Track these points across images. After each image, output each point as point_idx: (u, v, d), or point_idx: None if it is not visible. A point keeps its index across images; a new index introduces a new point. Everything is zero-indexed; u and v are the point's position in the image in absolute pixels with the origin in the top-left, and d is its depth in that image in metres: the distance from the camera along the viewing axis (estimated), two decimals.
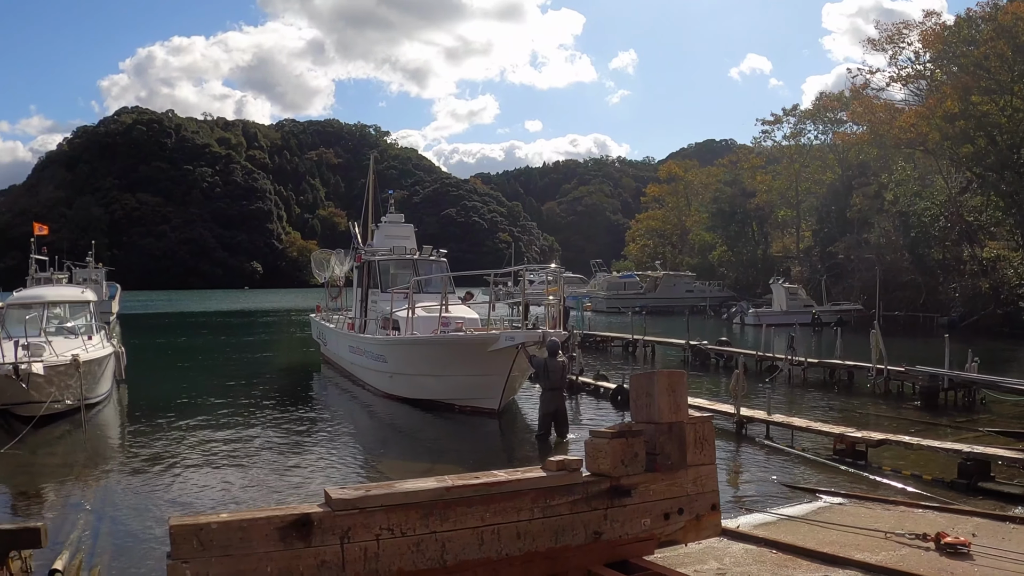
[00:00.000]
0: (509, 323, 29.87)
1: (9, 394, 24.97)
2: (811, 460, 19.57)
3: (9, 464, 20.79)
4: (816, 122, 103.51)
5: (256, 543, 7.38)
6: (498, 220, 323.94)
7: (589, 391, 31.42)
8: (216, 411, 28.94)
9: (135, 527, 15.12)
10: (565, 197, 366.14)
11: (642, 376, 9.67)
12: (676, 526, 9.23)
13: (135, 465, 20.71)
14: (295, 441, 23.48)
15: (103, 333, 32.34)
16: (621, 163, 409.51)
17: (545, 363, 22.89)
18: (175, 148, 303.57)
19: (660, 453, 9.16)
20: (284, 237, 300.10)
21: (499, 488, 8.44)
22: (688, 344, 42.77)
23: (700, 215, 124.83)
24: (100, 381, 29.21)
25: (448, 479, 8.57)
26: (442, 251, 36.95)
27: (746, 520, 13.58)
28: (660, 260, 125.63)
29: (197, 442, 23.32)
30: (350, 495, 7.91)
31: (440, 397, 27.62)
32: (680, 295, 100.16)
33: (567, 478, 8.75)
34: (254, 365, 46.75)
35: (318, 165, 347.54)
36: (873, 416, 26.48)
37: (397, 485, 8.41)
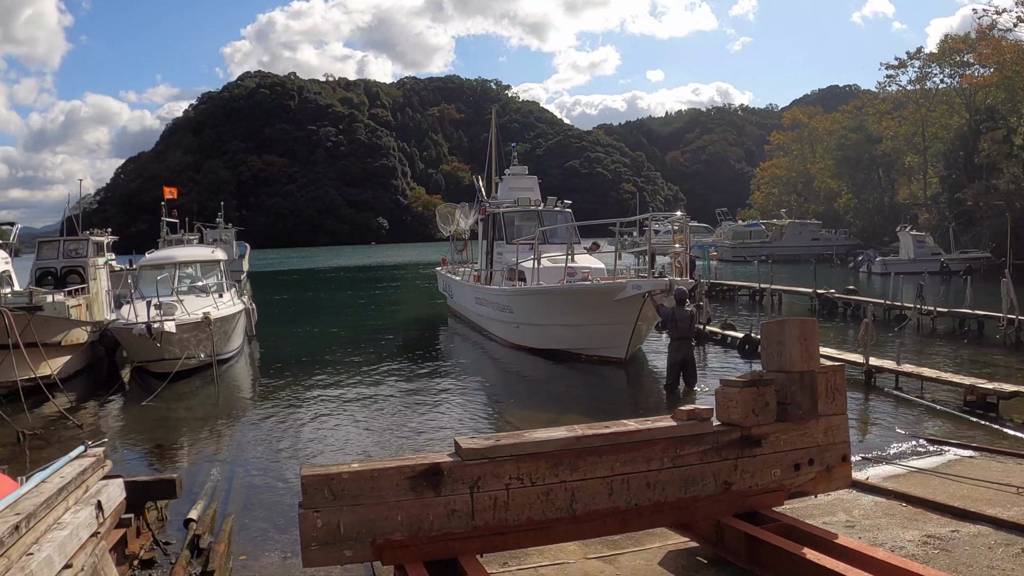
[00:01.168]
0: (635, 272, 29.68)
1: (144, 352, 25.72)
2: (941, 412, 19.10)
3: (145, 418, 21.34)
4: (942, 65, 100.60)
5: (386, 492, 7.41)
6: (622, 171, 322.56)
7: (716, 340, 31.15)
8: (344, 364, 29.34)
9: (267, 477, 15.40)
10: (688, 146, 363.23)
11: (773, 324, 9.51)
12: (806, 477, 9.08)
13: (266, 417, 21.09)
14: (423, 392, 23.63)
15: (234, 291, 32.99)
16: (744, 111, 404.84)
17: (673, 312, 22.65)
18: (298, 109, 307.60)
19: (791, 403, 9.00)
20: (409, 193, 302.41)
21: (629, 437, 8.36)
22: (815, 293, 42.10)
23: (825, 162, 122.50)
24: (231, 337, 29.86)
25: (578, 428, 8.52)
26: (566, 202, 36.86)
27: (875, 472, 13.37)
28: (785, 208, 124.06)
29: (326, 395, 23.66)
30: (480, 444, 7.90)
31: (567, 347, 27.66)
32: (806, 243, 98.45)
33: (698, 427, 8.65)
34: (381, 318, 47.24)
35: (440, 121, 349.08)
36: (1003, 368, 25.63)
37: (527, 435, 8.38)
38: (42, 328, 23.40)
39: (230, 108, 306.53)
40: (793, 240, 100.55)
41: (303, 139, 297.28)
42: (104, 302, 32.97)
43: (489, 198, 41.09)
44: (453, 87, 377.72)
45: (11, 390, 21.12)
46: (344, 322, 45.39)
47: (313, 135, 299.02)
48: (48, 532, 6.99)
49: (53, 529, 7.11)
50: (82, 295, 30.12)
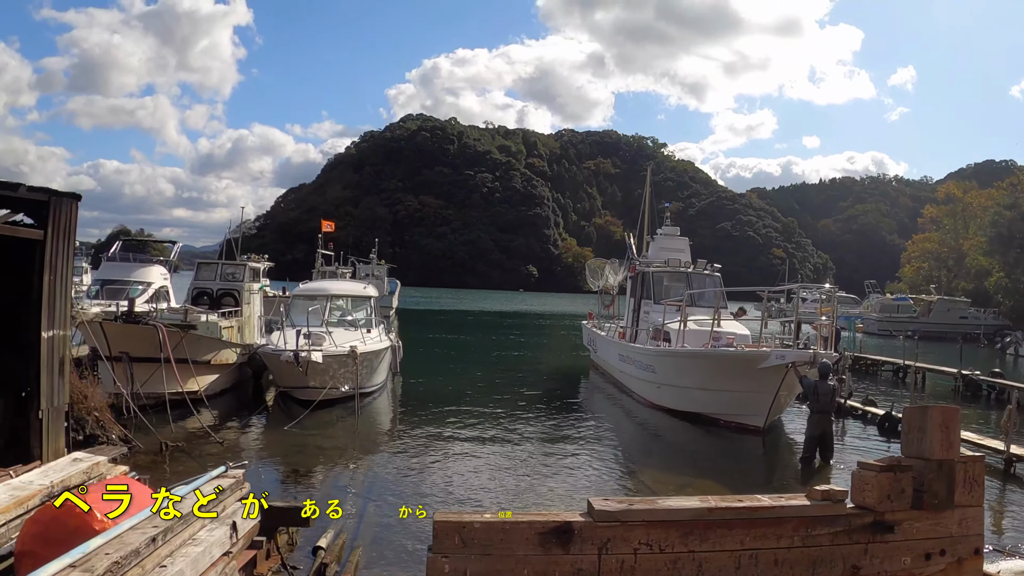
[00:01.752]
0: (780, 341, 29.38)
1: (289, 378, 26.30)
2: None
3: (286, 443, 21.80)
4: None
5: (516, 545, 7.48)
6: (772, 236, 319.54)
7: (856, 415, 30.61)
8: (484, 408, 29.47)
9: (397, 515, 15.47)
10: (841, 215, 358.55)
11: (915, 409, 9.35)
12: (936, 567, 8.90)
13: (402, 455, 21.38)
14: (559, 445, 23.65)
15: (382, 327, 33.40)
16: (898, 182, 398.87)
17: (815, 385, 22.39)
18: (457, 154, 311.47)
19: (927, 491, 8.83)
20: (560, 243, 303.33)
21: (761, 513, 8.30)
22: (959, 373, 40.98)
23: (978, 239, 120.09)
24: (376, 372, 30.30)
25: (711, 499, 8.49)
26: (716, 265, 36.69)
27: (1008, 566, 13.01)
28: (935, 284, 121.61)
29: (463, 437, 23.86)
30: (612, 507, 7.92)
31: (706, 411, 27.45)
32: (954, 321, 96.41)
33: (831, 508, 8.55)
34: (524, 365, 47.40)
35: (595, 174, 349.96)
36: None
37: (660, 501, 8.37)
38: (194, 346, 24.12)
39: (391, 148, 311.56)
40: (941, 317, 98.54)
41: (460, 183, 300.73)
42: (256, 326, 33.77)
43: (639, 256, 41.05)
44: (610, 142, 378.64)
45: (159, 402, 21.73)
46: (487, 366, 45.71)
47: (470, 180, 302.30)
48: (183, 547, 7.21)
49: (188, 544, 7.33)
50: (235, 318, 30.92)
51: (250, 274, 34.26)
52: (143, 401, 21.17)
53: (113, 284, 34.36)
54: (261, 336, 32.85)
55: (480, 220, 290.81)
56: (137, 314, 23.40)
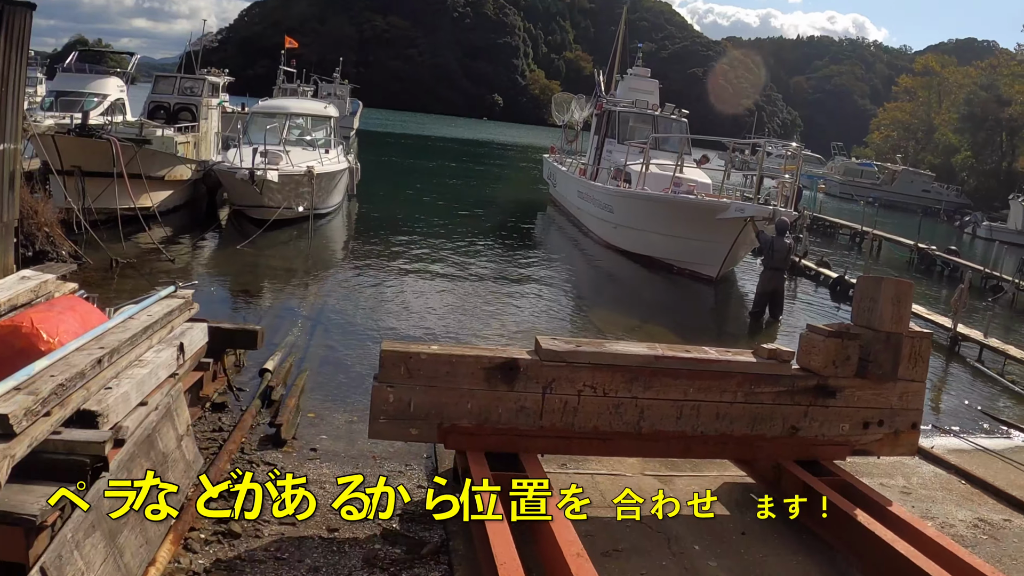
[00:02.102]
0: (741, 193, 29.41)
1: (244, 197, 26.10)
2: (1018, 394, 18.79)
3: (237, 262, 21.77)
4: None
5: (461, 379, 7.55)
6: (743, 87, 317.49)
7: (809, 275, 30.86)
8: (439, 237, 29.57)
9: (345, 340, 15.57)
10: (815, 74, 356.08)
11: (870, 279, 9.42)
12: (873, 437, 9.08)
13: (353, 279, 21.44)
14: (511, 279, 23.81)
15: (341, 148, 33.15)
16: (876, 48, 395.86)
17: (772, 241, 22.43)
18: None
19: (873, 361, 8.95)
20: (528, 74, 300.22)
21: (707, 365, 8.41)
22: (916, 246, 41.22)
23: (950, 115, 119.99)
24: (332, 194, 30.20)
25: (659, 347, 8.58)
26: (684, 111, 36.51)
27: (941, 443, 13.27)
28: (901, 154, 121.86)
29: (415, 266, 23.92)
30: (560, 347, 7.98)
31: (661, 256, 27.55)
32: (916, 193, 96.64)
33: (776, 368, 8.66)
34: (483, 195, 47.45)
35: (570, 7, 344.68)
36: None
37: (608, 345, 8.45)
38: (148, 161, 23.80)
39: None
40: (904, 188, 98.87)
41: (430, 5, 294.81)
42: (212, 142, 33.43)
43: (608, 94, 40.75)
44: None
45: (111, 218, 21.54)
46: (445, 193, 45.64)
47: (440, 3, 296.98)
48: (129, 368, 7.16)
49: (134, 366, 7.28)
50: (191, 133, 30.60)
51: (209, 89, 33.78)
52: (94, 217, 20.89)
53: (68, 96, 33.90)
54: (218, 153, 32.44)
55: (448, 44, 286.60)
56: (91, 127, 23.00)
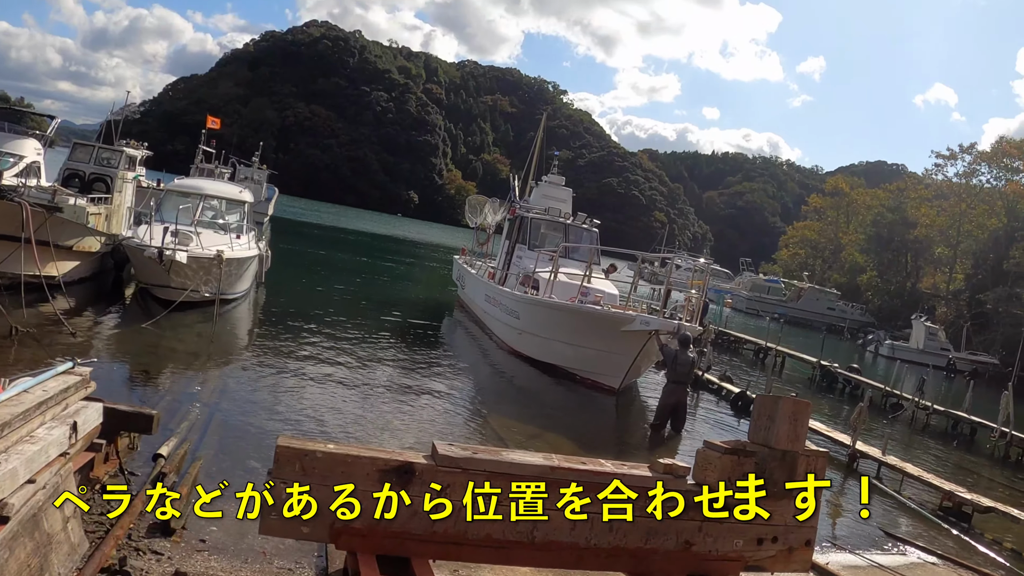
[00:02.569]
0: (647, 306, 29.71)
1: (151, 275, 25.93)
2: (914, 511, 19.15)
3: (140, 342, 21.53)
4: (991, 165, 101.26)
5: (356, 480, 7.50)
6: (657, 199, 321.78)
7: (712, 389, 31.22)
8: (345, 331, 29.34)
9: (243, 430, 15.44)
10: (727, 189, 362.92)
11: (768, 398, 9.54)
12: (767, 553, 9.12)
13: (255, 369, 21.24)
14: (414, 379, 23.62)
15: (253, 234, 32.98)
16: (789, 167, 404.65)
17: (675, 354, 22.68)
18: (356, 68, 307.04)
19: (768, 478, 9.03)
20: (446, 174, 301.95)
21: (603, 478, 8.41)
22: (819, 363, 42.10)
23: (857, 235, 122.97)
24: (240, 280, 29.99)
25: (555, 458, 8.58)
26: (595, 221, 36.88)
27: (836, 559, 13.40)
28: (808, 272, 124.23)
29: (319, 359, 23.67)
30: (457, 453, 7.96)
31: (564, 364, 27.64)
32: (821, 311, 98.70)
33: (671, 483, 8.69)
34: (391, 292, 47.35)
35: (491, 110, 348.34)
36: (986, 479, 25.91)
37: (504, 454, 8.44)
38: (57, 229, 23.56)
39: (290, 51, 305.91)
40: (809, 305, 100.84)
41: (354, 98, 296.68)
42: (124, 216, 33.14)
43: (521, 199, 41.04)
44: (511, 80, 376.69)
45: (14, 283, 21.21)
46: (354, 287, 45.52)
47: (365, 96, 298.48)
48: (19, 444, 7.06)
49: (25, 442, 7.18)
50: (104, 205, 30.31)
51: (126, 161, 33.53)
52: None
53: None
54: (129, 227, 32.21)
55: (369, 138, 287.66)
56: (3, 188, 22.75)
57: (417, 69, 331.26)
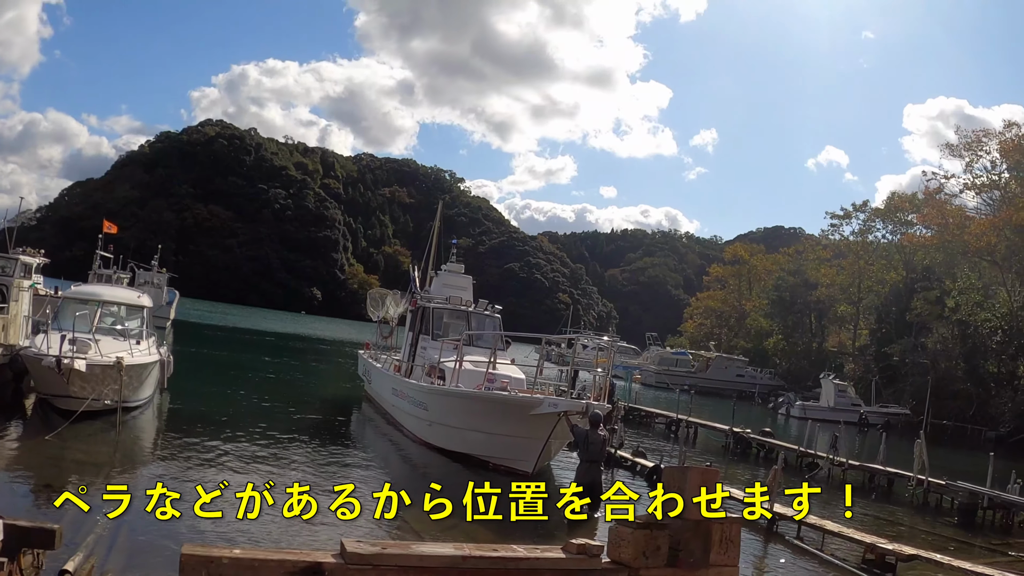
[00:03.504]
0: (555, 388, 29.75)
1: (50, 386, 25.45)
2: (839, 567, 19.35)
3: (41, 455, 21.14)
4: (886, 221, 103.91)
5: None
6: (560, 280, 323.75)
7: (626, 466, 31.16)
8: (251, 433, 28.97)
9: (151, 540, 15.15)
10: (629, 266, 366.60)
11: (675, 469, 9.59)
12: None
13: (161, 476, 20.74)
14: (324, 477, 23.47)
15: (153, 339, 32.49)
16: (689, 239, 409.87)
17: (586, 435, 22.63)
18: (252, 166, 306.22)
19: (683, 549, 9.04)
20: (348, 268, 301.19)
21: (516, 564, 8.36)
22: (731, 430, 42.41)
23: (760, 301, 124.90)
24: (143, 386, 29.51)
25: (466, 547, 8.50)
26: (497, 307, 36.93)
27: None
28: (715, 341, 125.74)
29: (226, 462, 23.39)
30: (366, 550, 7.86)
31: (476, 452, 27.48)
32: (730, 378, 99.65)
33: (586, 563, 8.66)
34: (298, 391, 46.81)
35: (390, 202, 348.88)
36: (907, 528, 26.25)
37: (414, 547, 8.36)
38: None
39: (186, 152, 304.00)
40: (718, 374, 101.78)
41: (252, 196, 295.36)
42: (22, 326, 32.63)
43: (423, 290, 41.02)
44: (408, 171, 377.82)
45: None
46: (260, 388, 44.93)
47: (263, 194, 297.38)
48: None
49: None
50: (0, 315, 29.75)
51: (22, 269, 33.09)
52: None
53: None
54: (26, 337, 31.63)
55: (269, 237, 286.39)
56: None
57: (314, 164, 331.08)
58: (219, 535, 16.16)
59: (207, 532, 16.44)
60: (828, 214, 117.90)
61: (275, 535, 16.86)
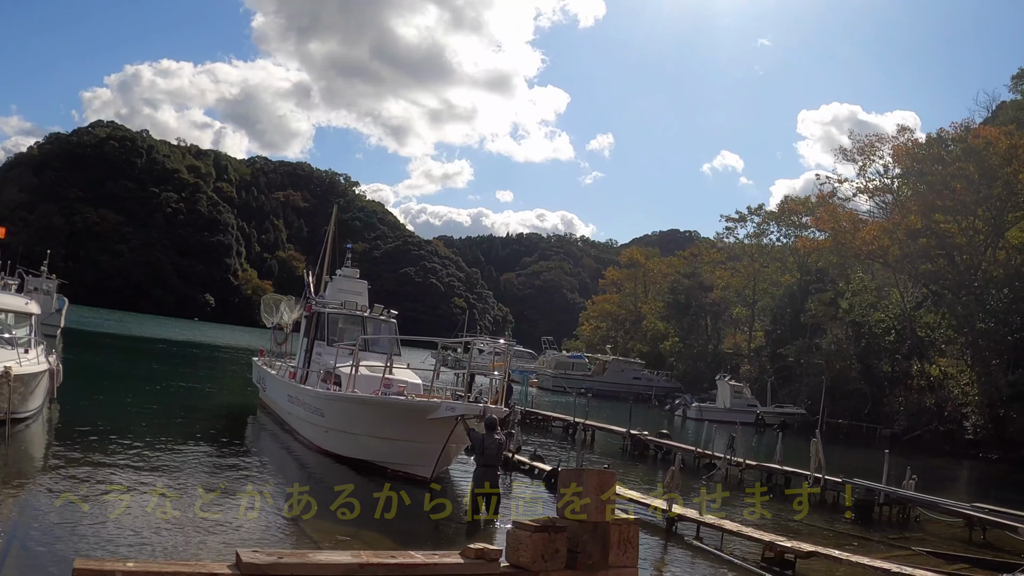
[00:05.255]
0: (452, 392, 29.70)
1: None
2: (739, 566, 19.49)
3: None
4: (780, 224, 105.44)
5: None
6: (455, 285, 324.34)
7: (524, 470, 31.24)
8: (145, 443, 28.55)
9: (46, 554, 14.90)
10: (525, 270, 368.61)
11: (571, 472, 9.58)
12: None
13: (52, 490, 20.36)
14: (220, 486, 23.07)
15: (41, 348, 31.87)
16: (584, 243, 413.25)
17: (483, 439, 22.62)
18: (144, 169, 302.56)
19: (582, 551, 9.04)
20: (241, 274, 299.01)
21: (414, 571, 8.30)
22: (629, 433, 42.70)
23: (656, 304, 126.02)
24: (31, 397, 28.90)
25: (363, 555, 8.43)
26: (393, 312, 36.87)
27: None
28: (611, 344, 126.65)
29: (120, 473, 22.93)
30: (261, 560, 7.73)
31: (373, 458, 27.41)
32: (627, 381, 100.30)
33: (485, 567, 8.62)
34: (192, 400, 46.29)
35: (284, 206, 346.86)
36: (806, 525, 26.50)
37: (311, 555, 8.26)
38: None
39: (76, 154, 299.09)
40: (615, 376, 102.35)
41: (144, 200, 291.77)
42: None
43: (317, 295, 40.74)
44: (303, 174, 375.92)
45: None
46: (153, 398, 44.29)
47: (154, 198, 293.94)
48: None
49: None
50: None
51: None
52: None
53: None
54: None
55: (161, 241, 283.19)
56: None
57: (207, 167, 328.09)
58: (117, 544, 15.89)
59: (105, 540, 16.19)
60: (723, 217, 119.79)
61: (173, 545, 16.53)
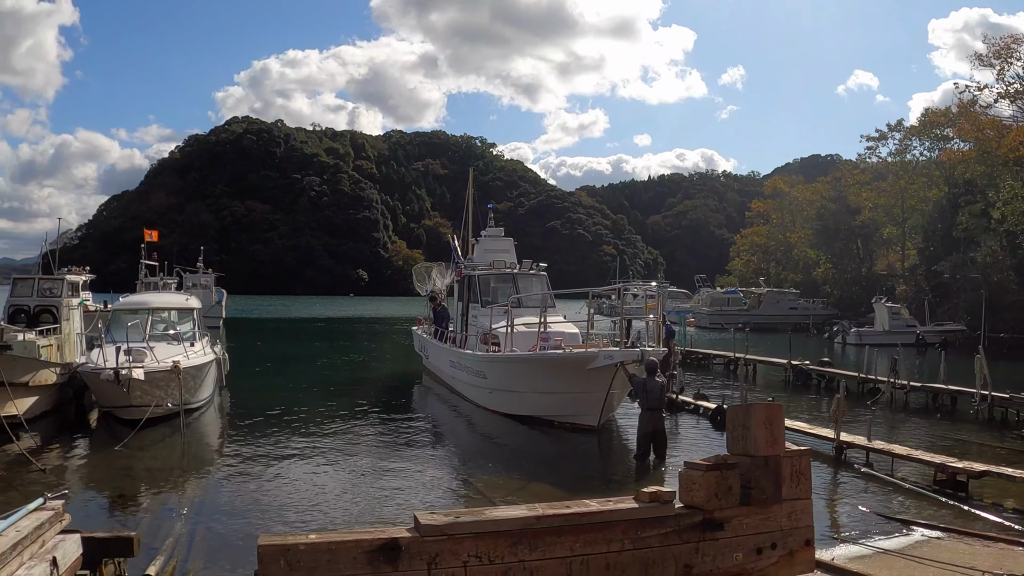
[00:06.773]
0: (609, 339, 29.67)
1: (111, 398, 25.59)
2: (910, 490, 19.10)
3: (110, 466, 21.22)
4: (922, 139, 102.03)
5: (343, 566, 7.35)
6: (603, 233, 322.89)
7: (689, 410, 31.07)
8: (315, 419, 29.24)
9: (229, 536, 15.32)
10: (670, 211, 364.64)
11: (738, 408, 9.50)
12: (768, 561, 9.03)
13: (231, 472, 21.03)
14: (393, 454, 23.47)
15: (206, 339, 32.60)
16: (727, 178, 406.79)
17: (644, 383, 22.62)
18: (284, 157, 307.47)
19: (755, 487, 8.96)
20: (390, 246, 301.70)
21: (589, 519, 8.32)
22: (790, 364, 42.13)
23: (804, 231, 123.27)
24: (201, 387, 29.68)
25: (539, 507, 8.48)
26: (542, 265, 36.69)
27: (841, 552, 13.32)
28: (764, 276, 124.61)
29: (294, 451, 23.52)
30: (439, 521, 7.84)
31: (539, 413, 27.56)
32: (784, 312, 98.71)
33: (659, 510, 8.60)
34: (356, 373, 46.91)
35: (424, 176, 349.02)
36: (976, 445, 25.76)
37: (487, 512, 8.34)
38: (10, 367, 23.19)
39: (216, 152, 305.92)
40: (771, 308, 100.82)
41: (287, 187, 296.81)
42: (76, 343, 32.76)
43: (465, 258, 41.01)
44: (439, 142, 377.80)
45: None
46: (317, 375, 45.06)
47: (297, 184, 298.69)
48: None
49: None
50: (54, 335, 29.91)
51: (68, 288, 33.22)
52: None
53: None
54: (82, 354, 31.85)
55: (308, 224, 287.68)
56: None
57: (345, 148, 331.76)
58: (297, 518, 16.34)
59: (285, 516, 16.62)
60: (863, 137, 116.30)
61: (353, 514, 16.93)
